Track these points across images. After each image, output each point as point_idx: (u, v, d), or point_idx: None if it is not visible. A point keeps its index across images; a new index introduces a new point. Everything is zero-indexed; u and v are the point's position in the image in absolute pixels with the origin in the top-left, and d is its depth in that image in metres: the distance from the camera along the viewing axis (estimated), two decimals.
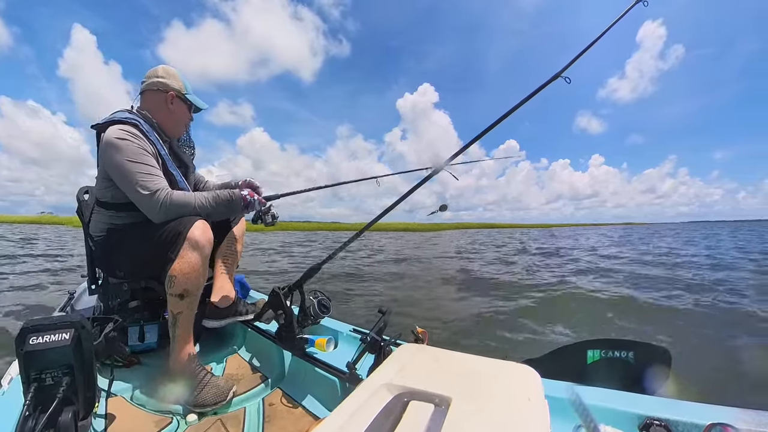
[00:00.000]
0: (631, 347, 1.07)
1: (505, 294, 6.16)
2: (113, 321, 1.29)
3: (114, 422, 1.15)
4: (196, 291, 1.32)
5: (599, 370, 1.08)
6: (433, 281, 7.58)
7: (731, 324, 4.14)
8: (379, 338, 1.23)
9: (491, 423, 0.46)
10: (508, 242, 22.58)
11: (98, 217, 1.45)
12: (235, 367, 1.61)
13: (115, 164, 1.30)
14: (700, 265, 9.54)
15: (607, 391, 0.93)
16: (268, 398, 1.38)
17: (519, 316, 4.66)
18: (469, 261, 11.77)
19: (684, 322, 4.33)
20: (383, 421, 0.49)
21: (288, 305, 1.47)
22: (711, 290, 6.00)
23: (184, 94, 1.58)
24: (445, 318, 4.63)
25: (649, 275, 7.74)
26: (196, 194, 1.40)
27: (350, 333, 1.57)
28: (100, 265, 1.55)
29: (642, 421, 0.82)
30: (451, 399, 0.52)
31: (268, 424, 1.23)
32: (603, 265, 9.57)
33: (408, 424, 0.48)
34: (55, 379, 0.84)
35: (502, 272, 8.60)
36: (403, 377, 0.59)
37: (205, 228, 1.33)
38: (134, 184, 1.29)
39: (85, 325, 0.90)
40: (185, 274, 1.27)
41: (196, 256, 1.29)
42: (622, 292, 5.85)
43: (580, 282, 6.93)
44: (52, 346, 0.83)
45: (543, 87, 1.39)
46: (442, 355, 0.69)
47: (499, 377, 0.59)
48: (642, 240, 23.93)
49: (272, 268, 9.37)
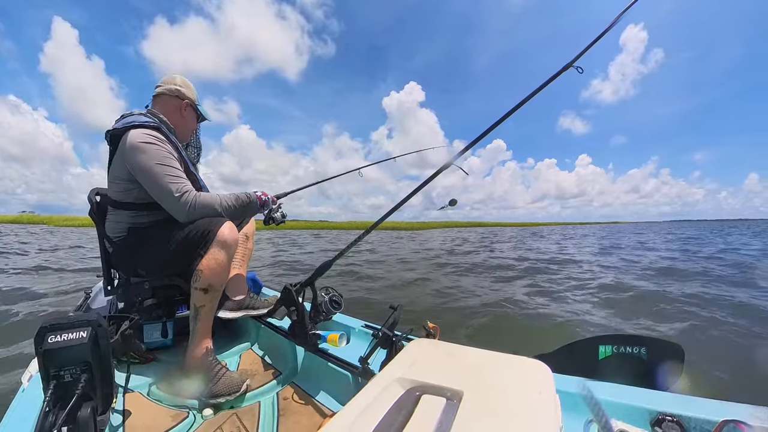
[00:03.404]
0: (643, 343, 1.06)
1: (514, 286, 6.15)
2: (129, 319, 1.31)
3: (131, 417, 1.17)
4: (219, 287, 1.39)
5: (611, 365, 1.07)
6: (437, 278, 7.57)
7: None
8: (390, 333, 1.23)
9: (503, 416, 0.46)
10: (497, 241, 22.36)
11: (116, 218, 1.47)
12: (249, 362, 1.63)
13: (142, 167, 1.36)
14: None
15: (618, 386, 0.92)
16: (282, 393, 1.39)
17: (530, 311, 4.65)
18: (476, 255, 11.77)
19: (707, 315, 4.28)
20: (396, 415, 0.49)
21: (300, 302, 1.48)
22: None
23: (197, 105, 1.70)
24: (455, 314, 4.63)
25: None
26: (220, 195, 1.47)
27: (362, 328, 1.58)
28: (119, 265, 1.57)
29: (654, 417, 0.81)
30: (462, 393, 0.51)
31: (282, 417, 1.24)
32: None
33: (420, 418, 0.48)
34: (73, 376, 0.86)
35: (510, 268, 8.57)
36: (415, 371, 0.59)
37: (233, 228, 1.40)
38: (163, 186, 1.36)
39: (102, 323, 0.92)
40: (212, 269, 1.34)
41: (223, 254, 1.36)
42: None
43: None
44: (70, 344, 0.85)
45: (555, 77, 1.37)
46: (454, 349, 0.69)
47: (510, 372, 0.58)
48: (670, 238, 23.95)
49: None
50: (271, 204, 1.66)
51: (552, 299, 5.12)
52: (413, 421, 0.47)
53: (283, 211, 1.77)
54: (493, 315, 4.28)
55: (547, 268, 8.36)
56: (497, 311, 4.43)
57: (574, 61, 1.34)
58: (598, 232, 44.41)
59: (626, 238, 24.21)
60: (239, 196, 1.52)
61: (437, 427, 0.45)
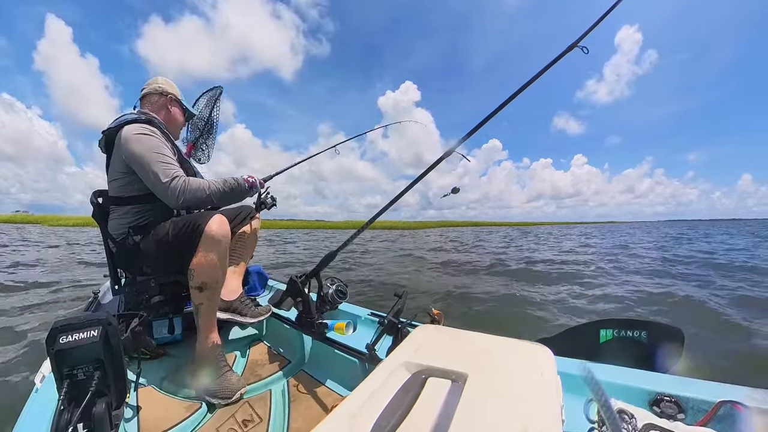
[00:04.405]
0: (644, 327, 1.06)
1: (518, 279, 6.22)
2: (138, 316, 1.33)
3: (145, 410, 1.20)
4: (215, 284, 1.37)
5: (612, 349, 1.08)
6: (448, 270, 7.62)
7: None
8: (396, 320, 1.25)
9: (506, 397, 0.47)
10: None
11: (118, 217, 1.49)
12: (259, 353, 1.66)
13: (136, 155, 1.39)
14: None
15: (619, 368, 0.94)
16: (293, 380, 1.42)
17: (534, 298, 4.70)
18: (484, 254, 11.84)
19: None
20: (403, 397, 0.50)
21: (306, 292, 1.50)
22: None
23: (180, 100, 1.76)
24: (459, 300, 4.69)
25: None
26: (209, 180, 1.47)
27: (368, 317, 1.60)
28: (123, 264, 1.58)
29: (653, 397, 0.83)
30: (467, 375, 0.52)
31: (293, 404, 1.27)
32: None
33: (426, 399, 0.49)
34: (86, 374, 0.87)
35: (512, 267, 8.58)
36: (421, 356, 0.60)
37: (222, 223, 1.38)
38: (154, 173, 1.37)
39: (112, 321, 0.93)
40: (203, 266, 1.33)
41: (214, 251, 1.35)
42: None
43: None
44: (82, 344, 0.87)
45: (560, 57, 1.34)
46: (458, 334, 0.69)
47: (514, 355, 0.59)
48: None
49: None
50: (258, 187, 1.67)
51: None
52: (420, 402, 0.48)
53: (272, 195, 1.82)
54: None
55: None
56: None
57: (579, 41, 1.32)
58: (591, 230, 44.17)
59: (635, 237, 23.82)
60: (227, 180, 1.53)
61: (443, 408, 0.46)
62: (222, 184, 1.49)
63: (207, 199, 1.44)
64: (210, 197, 1.44)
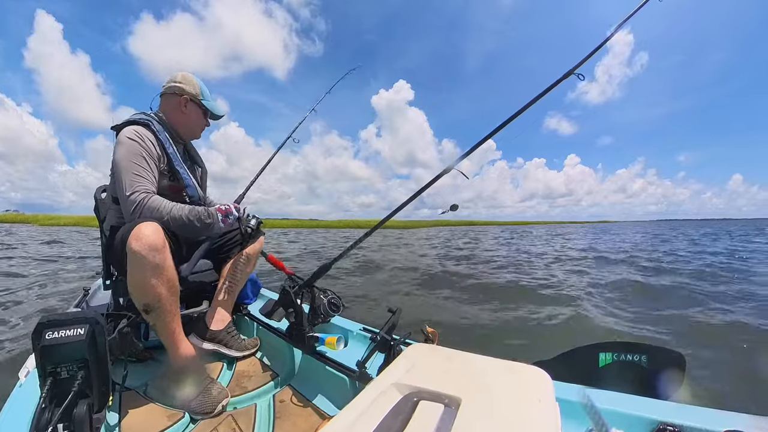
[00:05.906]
0: (644, 351, 1.04)
1: (511, 296, 6.18)
2: (126, 317, 1.31)
3: (127, 416, 1.17)
4: (157, 303, 1.23)
5: (611, 373, 1.06)
6: (438, 279, 7.57)
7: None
8: (389, 337, 1.23)
9: (501, 424, 0.45)
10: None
11: (111, 214, 1.50)
12: (246, 364, 1.62)
13: (115, 160, 1.39)
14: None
15: (619, 394, 0.91)
16: (279, 395, 1.39)
17: (530, 317, 4.65)
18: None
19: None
20: (392, 421, 0.49)
21: (299, 303, 1.48)
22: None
23: (200, 99, 1.64)
24: (454, 318, 4.64)
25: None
26: (174, 204, 1.39)
27: (360, 332, 1.57)
28: (112, 261, 1.55)
29: (655, 427, 0.80)
30: (460, 399, 0.51)
31: (278, 420, 1.24)
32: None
33: (417, 424, 0.47)
34: (70, 373, 0.85)
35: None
36: (413, 377, 0.59)
37: (146, 234, 1.18)
38: (120, 182, 1.35)
39: (100, 320, 0.92)
40: (135, 288, 1.22)
41: (141, 268, 1.18)
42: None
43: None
44: (68, 341, 0.85)
45: (557, 84, 1.41)
46: (452, 355, 0.68)
47: (509, 378, 0.58)
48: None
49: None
50: (234, 212, 1.50)
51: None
52: (410, 427, 0.47)
53: (255, 216, 1.67)
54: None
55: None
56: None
57: (575, 69, 1.39)
58: (584, 230, 44.32)
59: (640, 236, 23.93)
60: (198, 211, 1.41)
61: None
62: (188, 212, 1.39)
63: (165, 222, 1.32)
64: (168, 222, 1.34)
